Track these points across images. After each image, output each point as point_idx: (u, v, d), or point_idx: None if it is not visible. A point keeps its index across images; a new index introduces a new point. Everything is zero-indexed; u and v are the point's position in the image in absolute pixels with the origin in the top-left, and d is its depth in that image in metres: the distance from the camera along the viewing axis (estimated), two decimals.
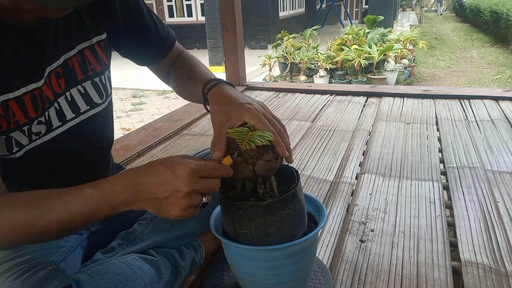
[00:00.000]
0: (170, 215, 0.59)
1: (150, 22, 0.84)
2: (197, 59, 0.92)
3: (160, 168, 0.59)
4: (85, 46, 0.74)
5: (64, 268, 0.68)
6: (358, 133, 1.80)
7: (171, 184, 0.57)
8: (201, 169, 0.59)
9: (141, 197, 0.59)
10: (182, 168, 0.57)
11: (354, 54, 5.77)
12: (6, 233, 0.59)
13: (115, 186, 0.59)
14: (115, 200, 0.59)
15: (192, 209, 0.59)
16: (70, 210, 0.59)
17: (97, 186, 0.60)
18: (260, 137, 0.61)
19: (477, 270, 0.90)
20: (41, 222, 0.59)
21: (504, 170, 1.39)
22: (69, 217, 0.59)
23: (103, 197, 0.59)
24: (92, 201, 0.59)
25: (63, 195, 0.60)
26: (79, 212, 0.59)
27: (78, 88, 0.74)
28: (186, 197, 0.57)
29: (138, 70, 6.47)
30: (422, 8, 17.09)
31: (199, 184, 0.58)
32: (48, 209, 0.59)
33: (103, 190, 0.59)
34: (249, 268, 0.71)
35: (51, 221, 0.59)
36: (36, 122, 0.67)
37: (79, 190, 0.60)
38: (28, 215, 0.58)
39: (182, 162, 0.58)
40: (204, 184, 0.59)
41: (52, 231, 0.60)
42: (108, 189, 0.59)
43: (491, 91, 2.48)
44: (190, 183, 0.57)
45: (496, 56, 7.96)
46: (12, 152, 0.66)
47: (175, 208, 0.58)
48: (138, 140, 1.81)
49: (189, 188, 0.57)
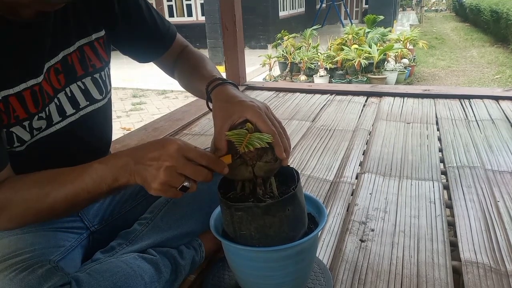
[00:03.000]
0: (150, 187, 0.60)
1: (149, 18, 0.84)
2: (201, 54, 0.92)
3: (155, 142, 0.63)
4: (84, 43, 0.75)
5: (63, 267, 0.68)
6: (358, 132, 1.80)
7: (156, 154, 0.59)
8: (188, 150, 0.60)
9: (136, 168, 0.61)
10: (171, 143, 0.60)
11: (354, 53, 5.76)
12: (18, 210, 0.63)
13: (119, 158, 0.63)
14: (117, 170, 0.62)
15: (172, 189, 0.60)
16: (77, 184, 0.62)
17: (104, 160, 0.64)
18: (259, 140, 0.60)
19: (477, 270, 0.90)
20: (50, 196, 0.63)
21: (504, 170, 1.39)
22: (75, 190, 0.62)
23: (108, 168, 0.62)
24: (97, 173, 0.62)
25: (72, 172, 0.64)
26: (84, 185, 0.62)
27: (78, 84, 0.74)
28: (165, 171, 0.59)
29: (138, 70, 6.42)
30: (422, 8, 17.07)
31: (181, 163, 0.59)
32: (58, 184, 0.63)
33: (108, 162, 0.63)
34: (249, 268, 0.71)
35: (59, 195, 0.63)
36: (37, 117, 0.68)
37: (87, 165, 0.64)
38: (38, 192, 0.63)
39: (174, 140, 0.61)
40: (188, 166, 0.60)
41: (59, 206, 0.64)
42: (112, 160, 0.63)
43: (491, 90, 2.48)
44: (173, 158, 0.59)
45: (496, 56, 7.96)
46: (13, 146, 0.66)
47: (154, 181, 0.59)
48: (138, 140, 1.81)
49: (170, 163, 0.58)
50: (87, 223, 0.86)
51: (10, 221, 0.65)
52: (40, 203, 0.63)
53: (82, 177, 0.62)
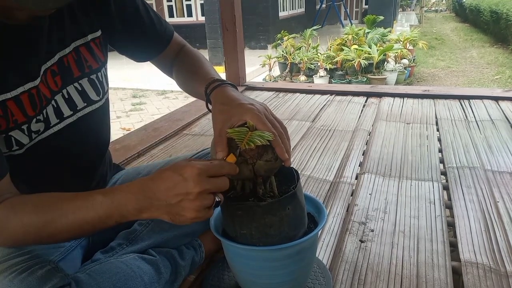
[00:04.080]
0: (186, 219, 0.58)
1: (145, 17, 0.83)
2: (199, 54, 0.91)
3: (168, 173, 0.59)
4: (80, 44, 0.74)
5: (63, 267, 0.68)
6: (358, 133, 1.80)
7: (182, 187, 0.57)
8: (208, 168, 0.58)
9: (152, 205, 0.58)
10: (190, 169, 0.57)
11: (354, 54, 5.76)
12: (17, 234, 0.61)
13: (126, 194, 0.59)
14: (125, 209, 0.59)
15: (206, 209, 0.59)
16: (80, 216, 0.59)
17: (108, 193, 0.60)
18: (260, 137, 0.61)
19: (477, 270, 0.90)
20: (51, 226, 0.60)
21: (504, 170, 1.39)
22: (79, 223, 0.60)
23: (114, 205, 0.59)
24: (102, 208, 0.59)
25: (74, 201, 0.61)
26: (89, 219, 0.59)
27: (75, 85, 0.74)
28: (198, 198, 0.57)
29: (138, 70, 6.41)
30: (422, 8, 17.07)
31: (208, 184, 0.58)
32: (59, 214, 0.60)
33: (114, 198, 0.59)
34: (249, 268, 0.71)
35: (61, 225, 0.60)
36: (35, 120, 0.67)
37: (90, 196, 0.60)
38: (39, 219, 0.60)
39: (189, 164, 0.58)
40: (214, 183, 0.59)
41: (61, 235, 0.61)
42: (119, 197, 0.59)
43: (491, 91, 2.48)
44: (200, 183, 0.57)
45: (496, 56, 7.96)
46: (12, 150, 0.66)
47: (189, 211, 0.58)
48: (138, 140, 1.81)
49: (200, 189, 0.56)
50: None
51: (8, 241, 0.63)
52: (40, 230, 0.60)
53: (86, 210, 0.59)
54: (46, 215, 0.60)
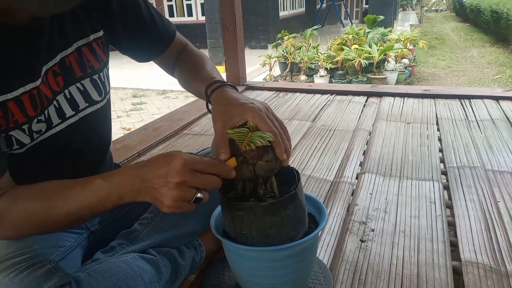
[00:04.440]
0: (163, 205, 0.60)
1: (147, 16, 0.83)
2: (201, 53, 0.92)
3: (159, 158, 0.61)
4: (82, 44, 0.74)
5: (63, 267, 0.68)
6: (358, 132, 1.80)
7: (164, 173, 0.58)
8: (195, 162, 0.59)
9: (143, 187, 0.60)
10: (177, 159, 0.59)
11: (354, 53, 5.76)
12: (20, 223, 0.63)
13: (124, 176, 0.61)
14: (123, 190, 0.61)
15: (185, 203, 0.60)
16: (80, 200, 0.61)
17: (107, 177, 0.62)
18: (260, 138, 0.61)
19: (478, 270, 0.90)
20: (53, 212, 0.62)
21: (505, 170, 1.39)
22: (78, 207, 0.62)
23: (113, 187, 0.61)
24: (101, 191, 0.61)
25: (74, 187, 0.63)
26: (87, 203, 0.61)
27: (77, 85, 0.74)
28: (176, 188, 0.58)
29: (138, 70, 6.41)
30: (422, 8, 17.06)
31: (190, 176, 0.59)
32: (60, 200, 0.62)
33: (113, 180, 0.61)
34: (249, 268, 0.71)
35: (62, 211, 0.62)
36: (36, 120, 0.67)
37: (89, 180, 0.62)
38: (42, 205, 0.62)
39: (178, 154, 0.60)
40: (197, 178, 0.59)
41: (62, 221, 0.63)
42: (117, 179, 0.61)
43: (491, 90, 2.48)
44: (181, 174, 0.58)
45: (497, 56, 7.95)
46: (13, 149, 0.66)
47: (166, 199, 0.59)
48: (138, 140, 1.81)
49: (179, 179, 0.58)
50: (87, 223, 0.86)
51: (11, 231, 0.64)
52: (42, 216, 0.62)
53: (85, 194, 0.61)
54: (47, 202, 0.62)
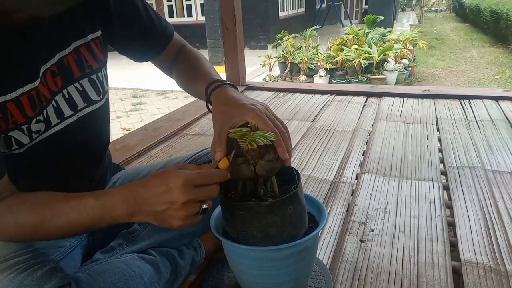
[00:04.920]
0: (173, 225, 0.60)
1: (145, 17, 0.83)
2: (199, 54, 0.91)
3: (155, 181, 0.60)
4: (80, 44, 0.74)
5: (63, 267, 0.69)
6: (358, 133, 1.80)
7: (167, 196, 0.58)
8: (194, 179, 0.59)
9: (141, 210, 0.60)
10: (175, 179, 0.58)
11: (354, 54, 5.76)
12: (12, 232, 0.63)
13: (116, 199, 0.61)
14: (116, 212, 0.60)
15: (193, 217, 0.60)
16: (72, 218, 0.61)
17: (100, 196, 0.62)
18: (262, 137, 0.60)
19: (477, 270, 0.90)
20: (45, 225, 0.62)
21: (504, 170, 1.39)
22: (71, 224, 0.62)
23: (105, 209, 0.61)
24: (94, 211, 0.61)
25: (67, 202, 0.62)
26: (81, 220, 0.61)
27: (76, 85, 0.74)
28: (183, 208, 0.58)
29: (138, 70, 6.39)
30: (422, 8, 17.07)
31: (194, 194, 0.59)
32: (52, 215, 0.62)
33: (105, 202, 0.61)
34: (250, 268, 0.71)
35: (55, 225, 0.62)
36: (35, 121, 0.67)
37: (82, 198, 0.62)
38: (33, 218, 0.62)
39: (176, 174, 0.59)
40: (200, 192, 0.59)
41: (55, 234, 0.64)
42: (109, 201, 0.61)
43: (491, 91, 2.48)
44: (185, 194, 0.58)
45: (496, 56, 7.96)
46: (12, 149, 0.66)
47: (175, 220, 0.59)
48: (138, 140, 1.81)
49: (184, 199, 0.58)
50: None
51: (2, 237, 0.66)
52: (34, 229, 0.63)
53: (78, 212, 0.61)
54: (40, 215, 0.62)
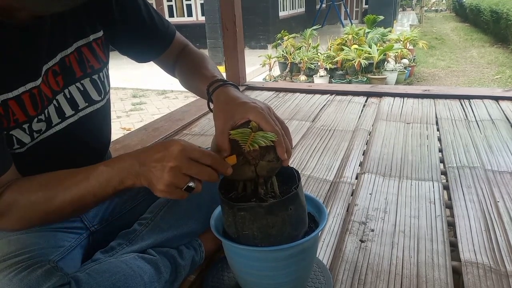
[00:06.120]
0: (156, 188, 0.61)
1: (147, 17, 0.83)
2: (202, 53, 0.92)
3: (159, 144, 0.63)
4: (82, 44, 0.74)
5: (63, 267, 0.68)
6: (358, 133, 1.80)
7: (161, 156, 0.60)
8: (192, 150, 0.61)
9: (141, 171, 0.61)
10: (175, 145, 0.60)
11: (354, 54, 5.76)
12: (26, 213, 0.64)
13: (124, 160, 0.63)
14: (123, 173, 0.62)
15: (178, 190, 0.61)
16: (82, 187, 0.63)
17: (109, 162, 0.64)
18: (264, 138, 0.60)
19: (477, 270, 0.90)
20: (57, 200, 0.63)
21: (504, 170, 1.39)
22: (81, 193, 0.63)
23: (114, 171, 0.63)
24: (103, 176, 0.63)
25: (77, 174, 0.65)
26: (90, 187, 0.63)
27: (77, 85, 0.74)
28: (170, 172, 0.59)
29: (138, 70, 6.40)
30: (422, 8, 17.06)
31: (185, 163, 0.60)
32: (63, 188, 0.64)
33: (114, 165, 0.63)
34: (251, 268, 0.71)
35: (65, 198, 0.63)
36: (36, 120, 0.67)
37: (92, 168, 0.64)
38: (45, 195, 0.63)
39: (177, 141, 0.61)
40: (192, 166, 0.60)
41: (66, 209, 0.65)
42: (118, 164, 0.63)
43: (491, 91, 2.48)
44: (176, 159, 0.59)
45: (496, 56, 7.96)
46: (13, 148, 0.66)
47: (159, 182, 0.60)
48: (138, 140, 1.81)
49: (173, 163, 0.59)
50: (87, 223, 0.86)
51: (17, 222, 0.65)
52: (46, 205, 0.64)
53: (88, 180, 0.63)
54: (51, 190, 0.64)
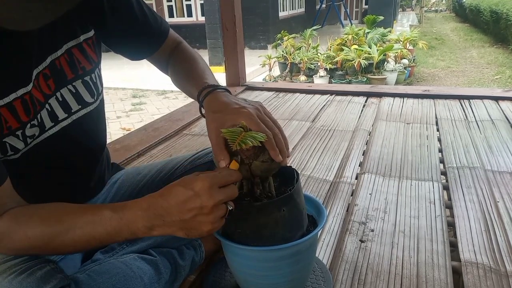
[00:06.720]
0: (202, 232, 0.58)
1: (140, 14, 0.81)
2: (194, 53, 0.90)
3: (178, 188, 0.58)
4: (72, 45, 0.72)
5: (63, 267, 0.68)
6: (358, 133, 1.80)
7: (195, 202, 0.56)
8: (218, 180, 0.58)
9: (165, 222, 0.58)
10: (201, 183, 0.57)
11: (354, 54, 5.76)
12: (20, 246, 0.60)
13: (135, 212, 0.59)
14: (135, 226, 0.59)
15: (221, 219, 0.59)
16: (87, 231, 0.59)
17: (117, 209, 0.60)
18: (252, 138, 0.60)
19: (477, 270, 0.90)
20: (57, 239, 0.60)
21: (504, 170, 1.39)
22: (86, 237, 0.59)
23: (123, 222, 0.59)
24: (111, 225, 0.59)
25: (82, 215, 0.60)
26: (96, 234, 0.59)
27: (69, 87, 0.72)
28: (213, 211, 0.57)
29: (138, 70, 6.41)
30: (422, 8, 17.07)
31: (221, 195, 0.58)
32: (65, 228, 0.60)
33: (123, 215, 0.59)
34: (245, 267, 0.71)
35: (68, 240, 0.60)
36: (29, 125, 0.65)
37: (98, 211, 0.60)
38: (44, 232, 0.59)
39: (199, 178, 0.58)
40: (225, 192, 0.59)
41: (67, 249, 0.62)
42: (128, 214, 0.59)
43: (491, 91, 2.48)
44: (213, 196, 0.57)
45: (496, 56, 7.96)
46: (7, 155, 0.65)
47: (205, 224, 0.58)
48: (138, 140, 1.80)
49: (214, 201, 0.57)
50: None
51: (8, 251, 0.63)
52: (43, 243, 0.60)
53: (93, 225, 0.59)
54: (52, 229, 0.60)
